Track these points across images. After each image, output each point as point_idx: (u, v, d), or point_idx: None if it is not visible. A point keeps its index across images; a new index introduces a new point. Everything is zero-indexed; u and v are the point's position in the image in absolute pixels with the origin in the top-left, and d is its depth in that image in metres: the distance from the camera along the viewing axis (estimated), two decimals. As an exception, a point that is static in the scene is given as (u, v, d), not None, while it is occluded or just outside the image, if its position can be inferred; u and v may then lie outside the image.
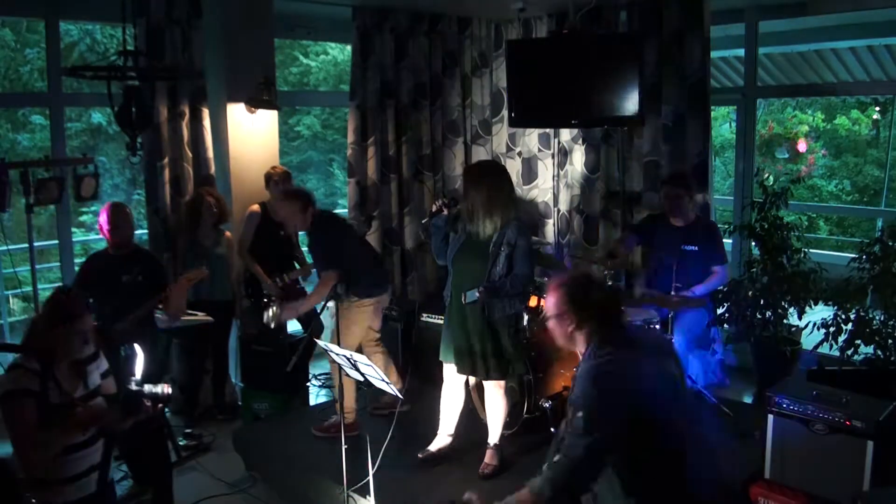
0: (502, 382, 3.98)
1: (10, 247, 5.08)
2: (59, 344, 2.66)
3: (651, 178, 5.51)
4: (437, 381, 4.15)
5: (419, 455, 4.10)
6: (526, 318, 4.80)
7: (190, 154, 5.00)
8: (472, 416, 4.30)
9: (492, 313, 3.79)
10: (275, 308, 4.42)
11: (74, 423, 2.60)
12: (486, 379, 3.93)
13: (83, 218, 11.02)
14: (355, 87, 5.72)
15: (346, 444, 3.47)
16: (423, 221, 4.01)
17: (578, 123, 5.58)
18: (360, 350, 4.37)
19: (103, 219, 4.12)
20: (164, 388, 2.70)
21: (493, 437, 4.07)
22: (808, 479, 3.41)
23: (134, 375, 2.67)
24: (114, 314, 3.79)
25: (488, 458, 4.05)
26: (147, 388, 2.65)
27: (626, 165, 5.72)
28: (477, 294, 3.72)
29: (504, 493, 3.77)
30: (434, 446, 4.13)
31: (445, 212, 3.84)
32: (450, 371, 4.07)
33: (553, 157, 6.14)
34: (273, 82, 5.21)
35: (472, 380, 4.20)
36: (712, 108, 5.29)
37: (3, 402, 2.48)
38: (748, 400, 5.09)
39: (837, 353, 4.65)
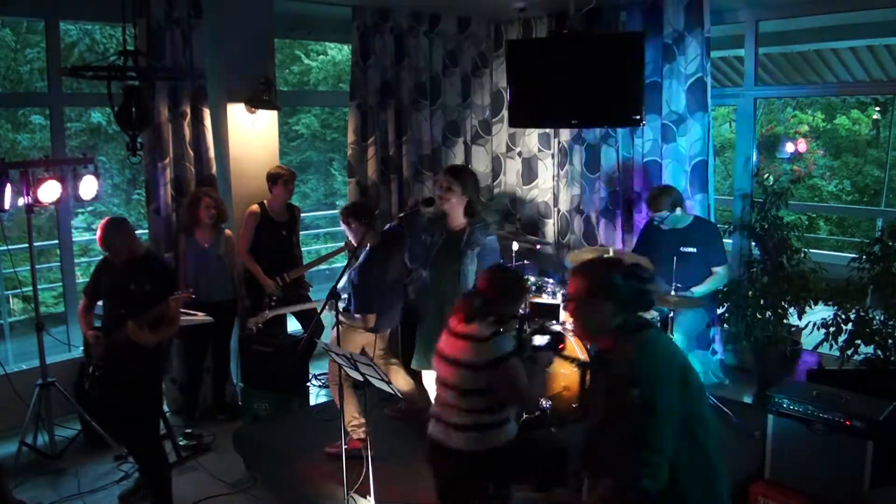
0: None
1: (10, 247, 5.07)
2: None
3: (651, 178, 5.50)
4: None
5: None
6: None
7: (191, 153, 5.00)
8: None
9: None
10: (265, 313, 4.41)
11: None
12: None
13: (82, 218, 11.03)
14: (355, 87, 5.72)
15: (345, 444, 3.48)
16: (400, 216, 4.00)
17: (578, 123, 5.58)
18: None
19: (100, 239, 3.82)
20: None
21: None
22: (808, 479, 3.41)
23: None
24: (122, 323, 3.71)
25: None
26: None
27: (626, 165, 5.72)
28: None
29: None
30: None
31: (421, 210, 3.86)
32: (429, 379, 4.04)
33: (553, 157, 6.14)
34: (273, 82, 5.22)
35: None
36: (712, 108, 5.29)
37: (505, 361, 2.82)
38: (748, 400, 5.08)
39: (837, 353, 4.65)
